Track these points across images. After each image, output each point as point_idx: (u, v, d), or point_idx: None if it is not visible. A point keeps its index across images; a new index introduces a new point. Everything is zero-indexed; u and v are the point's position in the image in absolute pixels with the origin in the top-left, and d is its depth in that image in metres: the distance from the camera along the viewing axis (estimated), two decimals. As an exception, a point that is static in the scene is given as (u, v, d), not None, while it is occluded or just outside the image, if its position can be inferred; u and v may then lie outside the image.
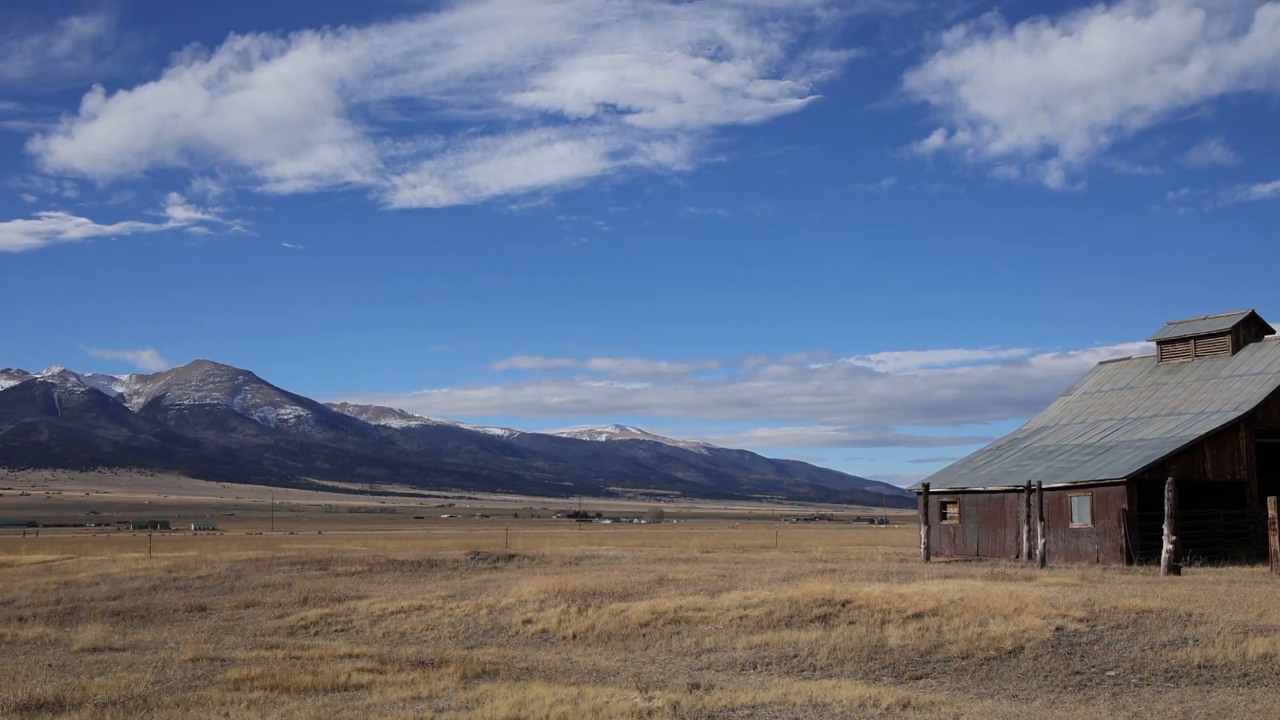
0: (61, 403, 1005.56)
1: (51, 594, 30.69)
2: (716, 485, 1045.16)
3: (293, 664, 17.52)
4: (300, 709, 13.76)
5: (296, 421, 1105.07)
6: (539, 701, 14.11)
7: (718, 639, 21.01)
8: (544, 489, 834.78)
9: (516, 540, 69.29)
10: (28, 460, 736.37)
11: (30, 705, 13.88)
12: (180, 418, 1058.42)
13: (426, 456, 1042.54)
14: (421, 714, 13.59)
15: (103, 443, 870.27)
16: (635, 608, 23.73)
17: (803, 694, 15.05)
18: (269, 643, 21.37)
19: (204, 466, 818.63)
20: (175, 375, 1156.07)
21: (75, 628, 23.65)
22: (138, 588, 31.33)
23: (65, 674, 16.61)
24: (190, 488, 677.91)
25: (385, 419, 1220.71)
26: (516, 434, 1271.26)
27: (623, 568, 34.40)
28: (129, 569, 36.34)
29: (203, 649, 19.18)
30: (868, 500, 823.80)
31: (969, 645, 18.76)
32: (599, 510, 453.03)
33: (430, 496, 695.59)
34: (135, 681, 15.68)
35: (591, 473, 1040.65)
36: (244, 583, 31.92)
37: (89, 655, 19.00)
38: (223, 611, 27.42)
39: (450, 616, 24.92)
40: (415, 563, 37.39)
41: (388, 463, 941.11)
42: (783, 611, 22.40)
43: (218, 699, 14.40)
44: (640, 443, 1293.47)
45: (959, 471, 46.91)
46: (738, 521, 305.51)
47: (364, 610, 26.10)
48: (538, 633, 23.03)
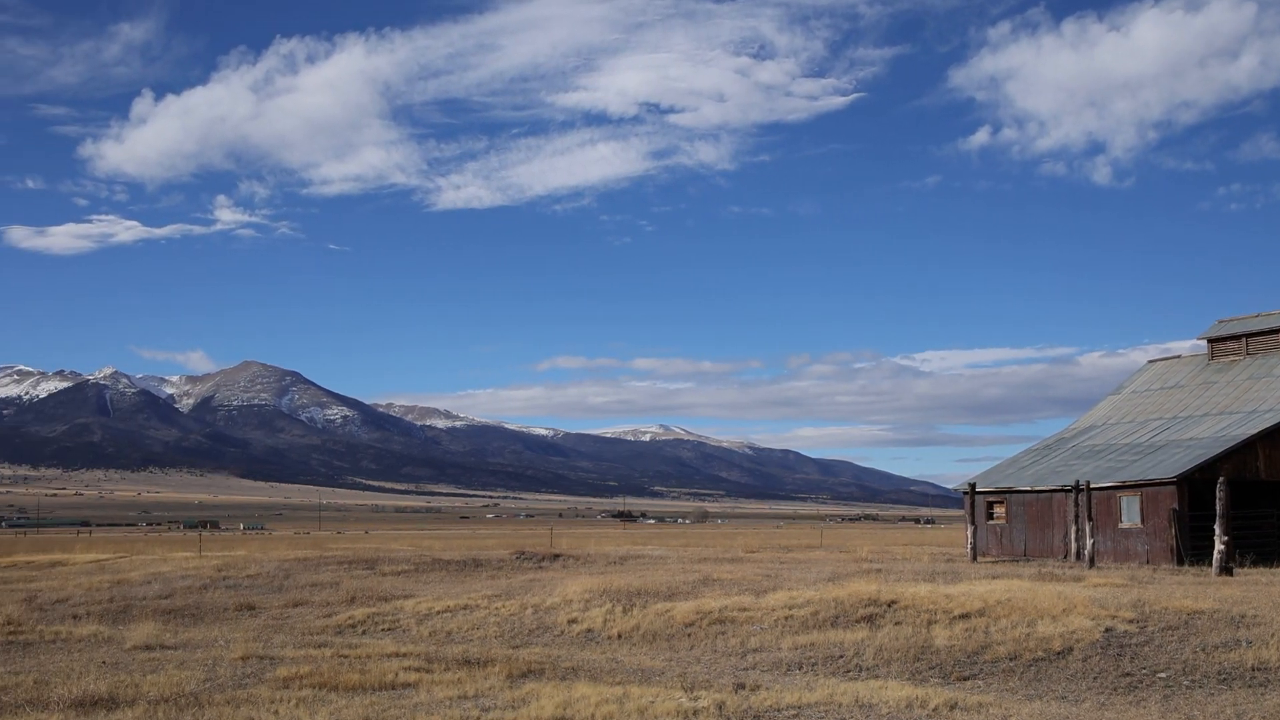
0: (113, 404, 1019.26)
1: (105, 593, 31.12)
2: (761, 485, 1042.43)
3: (341, 662, 17.67)
4: (348, 707, 13.88)
5: (343, 422, 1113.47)
6: (584, 701, 14.14)
7: (763, 639, 20.96)
8: (588, 489, 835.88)
9: (561, 540, 69.46)
10: (81, 460, 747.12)
11: (85, 702, 14.10)
12: (229, 418, 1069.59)
13: (471, 456, 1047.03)
14: (468, 713, 13.66)
15: (154, 443, 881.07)
16: (680, 608, 23.73)
17: (849, 694, 14.99)
18: (317, 641, 21.56)
19: (252, 467, 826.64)
20: (224, 376, 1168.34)
21: (128, 626, 23.98)
22: (188, 586, 31.70)
23: (118, 671, 16.85)
24: (239, 488, 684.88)
25: (430, 419, 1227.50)
26: (561, 434, 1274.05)
27: (667, 567, 34.40)
28: (180, 568, 36.78)
29: (252, 647, 19.39)
30: (913, 500, 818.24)
31: (1017, 646, 18.60)
32: (643, 510, 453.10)
33: (475, 496, 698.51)
34: (186, 679, 15.88)
35: (636, 472, 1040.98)
36: (292, 582, 32.21)
37: (141, 653, 19.26)
38: (271, 610, 27.69)
39: (496, 616, 25.02)
40: (461, 562, 37.58)
41: (433, 463, 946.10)
42: (828, 611, 22.32)
43: (267, 697, 14.55)
44: (684, 442, 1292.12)
45: (1006, 471, 46.52)
46: (782, 521, 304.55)
47: (410, 609, 26.27)
48: (583, 632, 23.07)
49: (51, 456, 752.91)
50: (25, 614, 26.58)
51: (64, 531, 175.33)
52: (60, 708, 13.77)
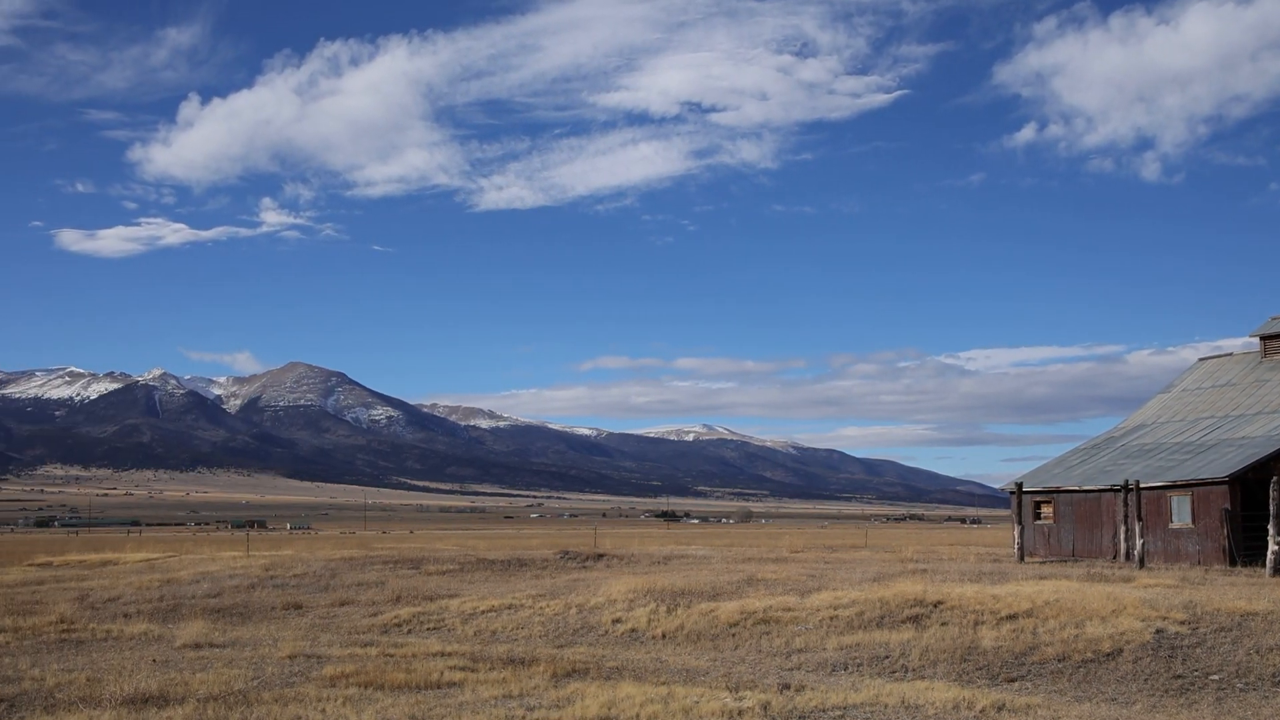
0: (162, 405, 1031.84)
1: (155, 591, 31.50)
2: (805, 485, 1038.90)
3: (386, 661, 17.77)
4: (394, 706, 13.95)
5: (388, 422, 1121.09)
6: (629, 700, 14.14)
7: (808, 639, 20.88)
8: (632, 489, 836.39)
9: (605, 540, 69.55)
10: (131, 461, 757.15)
11: (136, 699, 14.27)
12: (276, 419, 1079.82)
13: (515, 456, 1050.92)
14: (513, 712, 13.70)
15: (202, 443, 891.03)
16: (724, 607, 23.68)
17: (895, 695, 14.89)
18: (363, 640, 21.70)
19: (299, 467, 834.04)
20: (270, 377, 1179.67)
21: (177, 624, 24.25)
22: (236, 586, 32.02)
23: (168, 669, 17.05)
24: (286, 488, 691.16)
25: (474, 419, 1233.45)
26: (604, 434, 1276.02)
27: (711, 567, 34.35)
28: (228, 567, 37.16)
29: (299, 646, 19.55)
30: (959, 500, 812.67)
31: (1065, 647, 18.41)
32: (687, 510, 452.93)
33: (519, 496, 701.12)
34: (235, 677, 16.04)
35: (679, 472, 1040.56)
36: (339, 581, 32.45)
37: (190, 651, 19.47)
38: (318, 609, 27.90)
39: (540, 615, 25.08)
40: (505, 562, 37.72)
41: (477, 463, 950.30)
42: (874, 612, 22.19)
43: (314, 695, 14.65)
44: (728, 442, 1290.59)
45: (1053, 471, 46.06)
46: (827, 521, 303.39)
47: (455, 609, 26.38)
48: (627, 632, 23.08)
49: (102, 457, 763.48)
50: (78, 612, 26.96)
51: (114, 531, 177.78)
52: (112, 705, 13.94)
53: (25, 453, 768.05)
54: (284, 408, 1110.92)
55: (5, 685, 15.43)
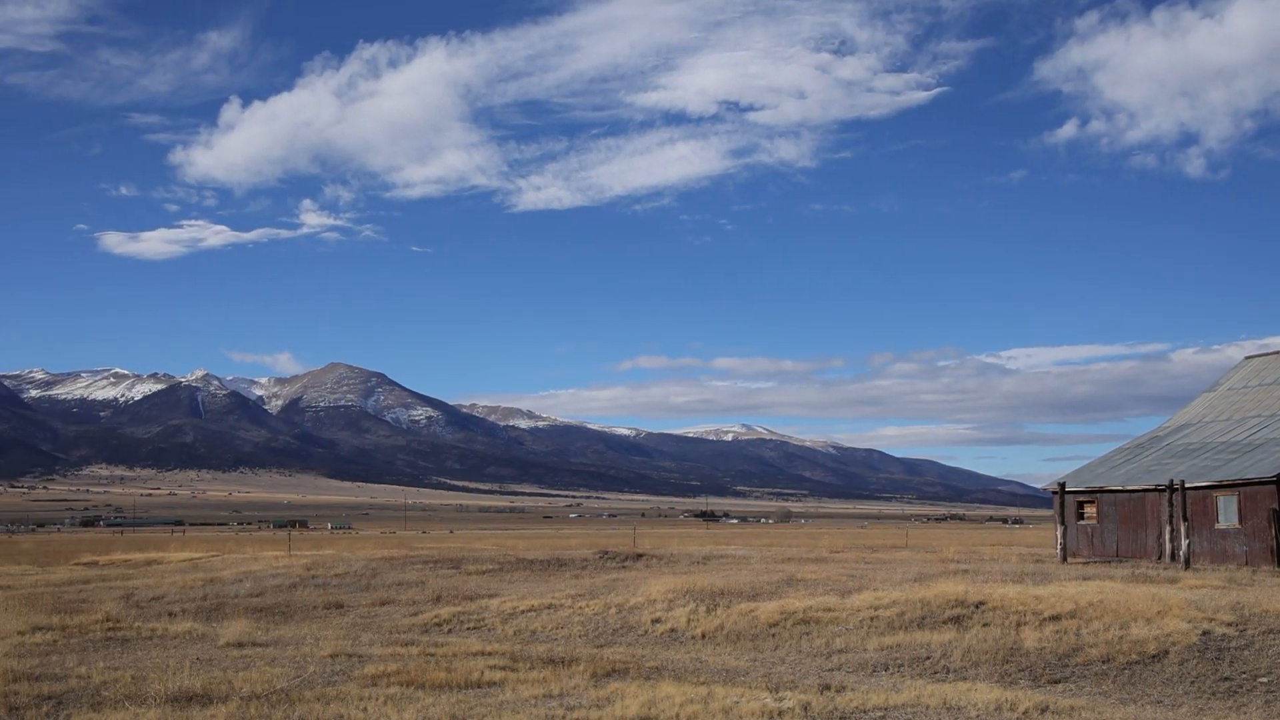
0: (205, 405, 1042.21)
1: (198, 590, 31.81)
2: (844, 485, 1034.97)
3: (427, 661, 17.84)
4: (435, 705, 14.00)
5: (427, 422, 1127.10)
6: (669, 700, 14.12)
7: (848, 640, 20.78)
8: (671, 488, 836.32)
9: (644, 540, 69.56)
10: (174, 461, 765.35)
11: (180, 697, 14.40)
12: (316, 419, 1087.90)
13: (554, 456, 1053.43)
14: (553, 711, 13.71)
15: (244, 444, 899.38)
16: (764, 607, 23.62)
17: (936, 696, 14.78)
18: (404, 639, 21.80)
19: (339, 467, 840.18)
20: (311, 378, 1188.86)
21: (220, 623, 24.47)
22: (278, 585, 32.26)
23: (212, 668, 17.19)
24: (326, 487, 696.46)
25: (513, 419, 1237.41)
26: (643, 434, 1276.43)
27: (751, 567, 34.28)
28: (270, 567, 37.47)
29: (341, 645, 19.66)
30: (1000, 500, 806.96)
31: (1109, 649, 18.22)
32: (726, 510, 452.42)
33: (558, 496, 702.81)
34: (277, 676, 16.14)
35: (718, 472, 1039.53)
36: (379, 581, 32.63)
37: (233, 650, 19.63)
38: (359, 609, 28.07)
39: (580, 615, 25.11)
40: (545, 562, 37.79)
41: (516, 463, 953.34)
42: (915, 612, 22.06)
43: (356, 694, 14.73)
44: (767, 442, 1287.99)
45: (1096, 470, 45.61)
46: (867, 521, 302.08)
47: (495, 608, 26.46)
48: (666, 632, 23.06)
49: (146, 457, 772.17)
50: (123, 611, 27.26)
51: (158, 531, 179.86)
52: (157, 703, 14.07)
53: (71, 453, 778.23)
54: (325, 408, 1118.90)
55: (53, 683, 15.62)
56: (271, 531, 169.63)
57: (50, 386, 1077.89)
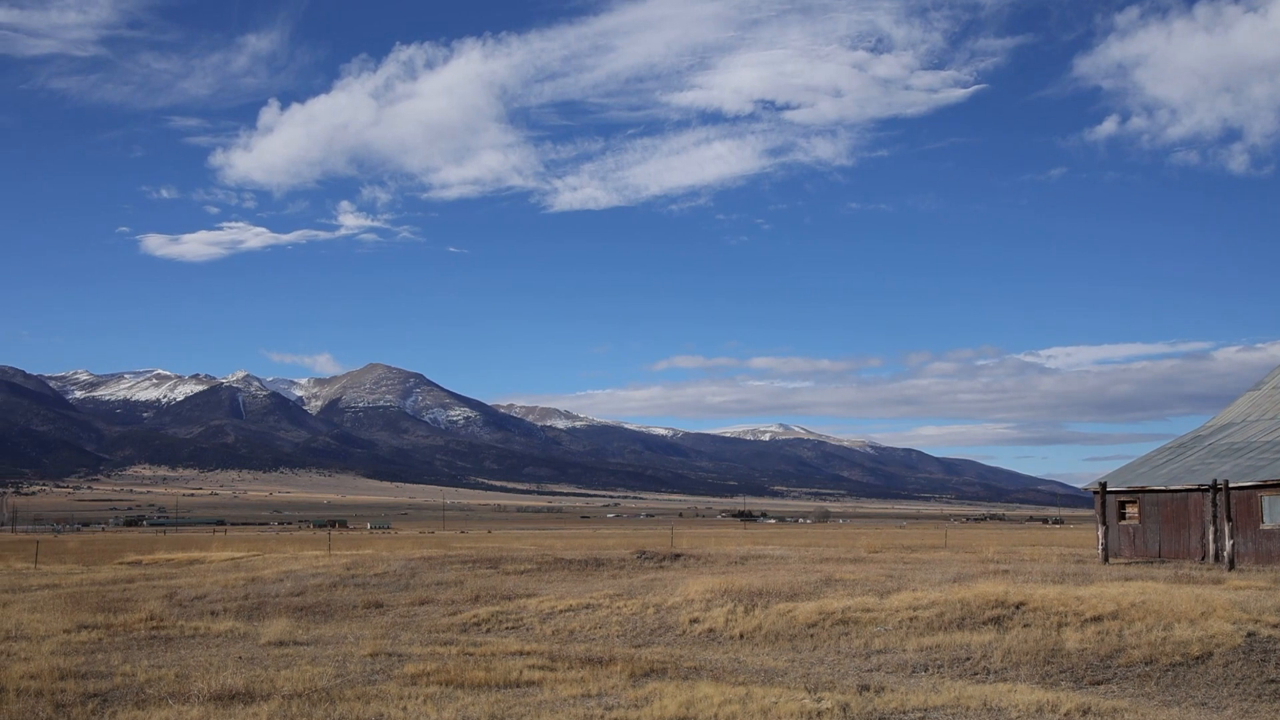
0: (246, 406, 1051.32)
1: (240, 590, 32.09)
2: (883, 484, 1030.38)
3: (466, 660, 17.92)
4: (474, 704, 14.06)
5: (465, 423, 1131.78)
6: (707, 700, 14.11)
7: (887, 640, 20.69)
8: (708, 488, 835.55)
9: (681, 540, 69.55)
10: (216, 461, 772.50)
11: (223, 695, 14.54)
12: (356, 420, 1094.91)
13: (591, 456, 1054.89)
14: (591, 711, 13.74)
15: (284, 444, 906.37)
16: (802, 608, 23.56)
17: (976, 698, 14.70)
18: (443, 639, 21.90)
19: (378, 467, 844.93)
20: (350, 379, 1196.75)
21: (262, 622, 24.68)
22: (319, 584, 32.50)
23: (254, 666, 17.35)
24: (366, 487, 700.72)
25: (551, 420, 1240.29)
26: (680, 434, 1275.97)
27: (789, 567, 34.20)
28: (310, 566, 37.75)
29: (380, 644, 19.79)
30: (1041, 500, 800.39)
31: (1152, 650, 18.04)
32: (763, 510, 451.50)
33: (596, 496, 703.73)
34: (318, 675, 16.27)
35: (756, 472, 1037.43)
36: (418, 580, 32.80)
37: (275, 649, 19.80)
38: (398, 608, 28.23)
39: (618, 615, 25.13)
40: (582, 562, 37.86)
41: (554, 463, 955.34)
42: (954, 613, 21.94)
43: (396, 693, 14.82)
44: (804, 442, 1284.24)
45: (1138, 470, 45.16)
46: (905, 521, 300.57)
47: (533, 608, 26.53)
48: (704, 632, 23.05)
49: (188, 458, 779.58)
50: (166, 610, 27.56)
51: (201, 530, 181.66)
52: (200, 700, 14.23)
53: (115, 453, 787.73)
54: (364, 409, 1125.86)
55: (98, 681, 15.82)
56: (311, 531, 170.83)
57: (94, 388, 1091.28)
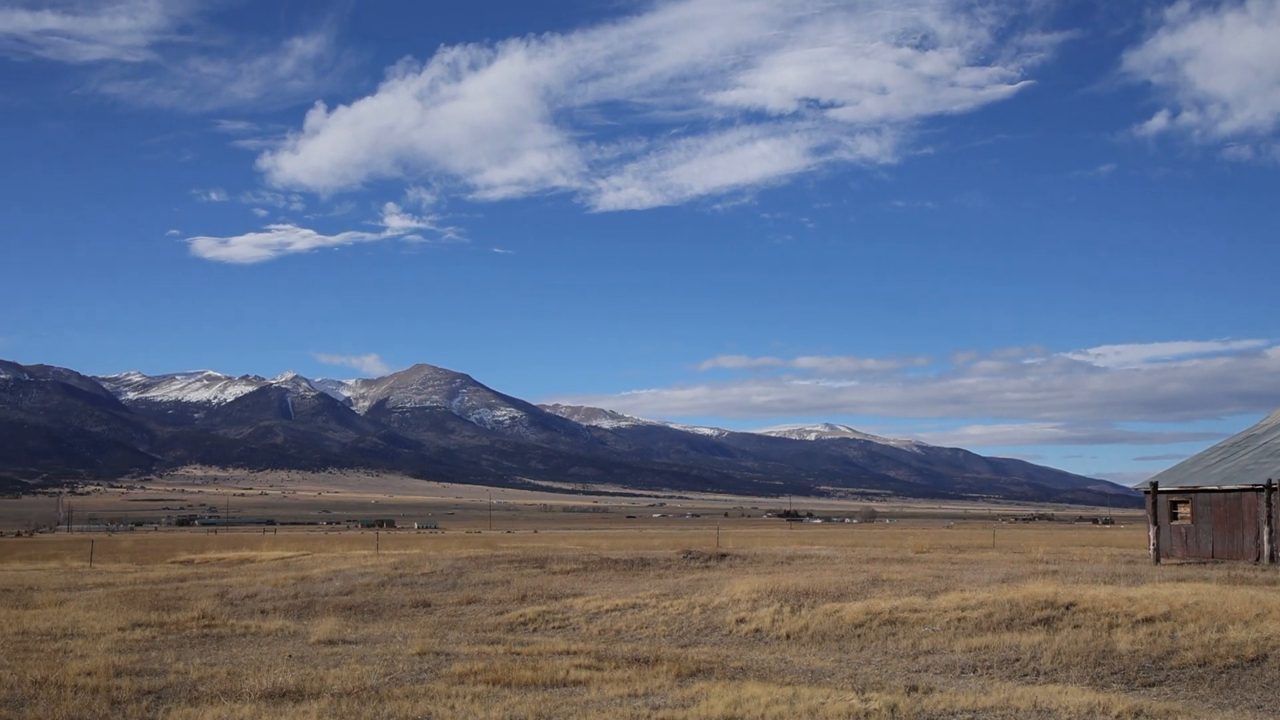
0: (295, 407, 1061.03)
1: (289, 589, 32.41)
2: (929, 484, 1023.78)
3: (513, 659, 18.01)
4: (521, 703, 14.13)
5: (511, 423, 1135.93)
6: (754, 701, 14.10)
7: (935, 641, 20.57)
8: (754, 488, 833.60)
9: (727, 539, 69.45)
10: (265, 462, 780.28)
11: (274, 693, 14.71)
12: (403, 420, 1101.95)
13: (637, 456, 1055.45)
14: (638, 711, 13.76)
15: (332, 444, 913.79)
16: (849, 608, 23.47)
17: (1026, 699, 14.58)
18: (490, 638, 22.02)
19: (425, 467, 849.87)
20: (397, 379, 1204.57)
21: (311, 621, 24.92)
22: (367, 584, 32.76)
23: (304, 665, 17.53)
24: (413, 487, 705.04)
25: (596, 420, 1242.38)
26: (726, 434, 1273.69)
27: (835, 567, 34.06)
28: (358, 565, 38.06)
29: (428, 643, 19.93)
30: (1090, 499, 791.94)
31: (1206, 652, 17.81)
32: (809, 509, 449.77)
33: (641, 496, 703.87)
34: (367, 673, 16.42)
35: (801, 472, 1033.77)
36: (465, 580, 32.98)
37: (324, 647, 19.99)
38: (446, 607, 28.40)
39: (664, 615, 25.15)
40: (628, 561, 37.89)
41: (599, 463, 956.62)
42: (1003, 614, 21.77)
43: (444, 692, 14.93)
44: (850, 441, 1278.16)
45: (1190, 469, 44.58)
46: (952, 521, 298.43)
47: (580, 608, 26.60)
48: (751, 632, 23.01)
49: (239, 458, 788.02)
50: (218, 608, 27.89)
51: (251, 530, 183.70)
52: (252, 698, 14.40)
53: (167, 454, 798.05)
54: (410, 409, 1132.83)
55: (152, 678, 16.05)
56: (359, 531, 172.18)
57: (147, 389, 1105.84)
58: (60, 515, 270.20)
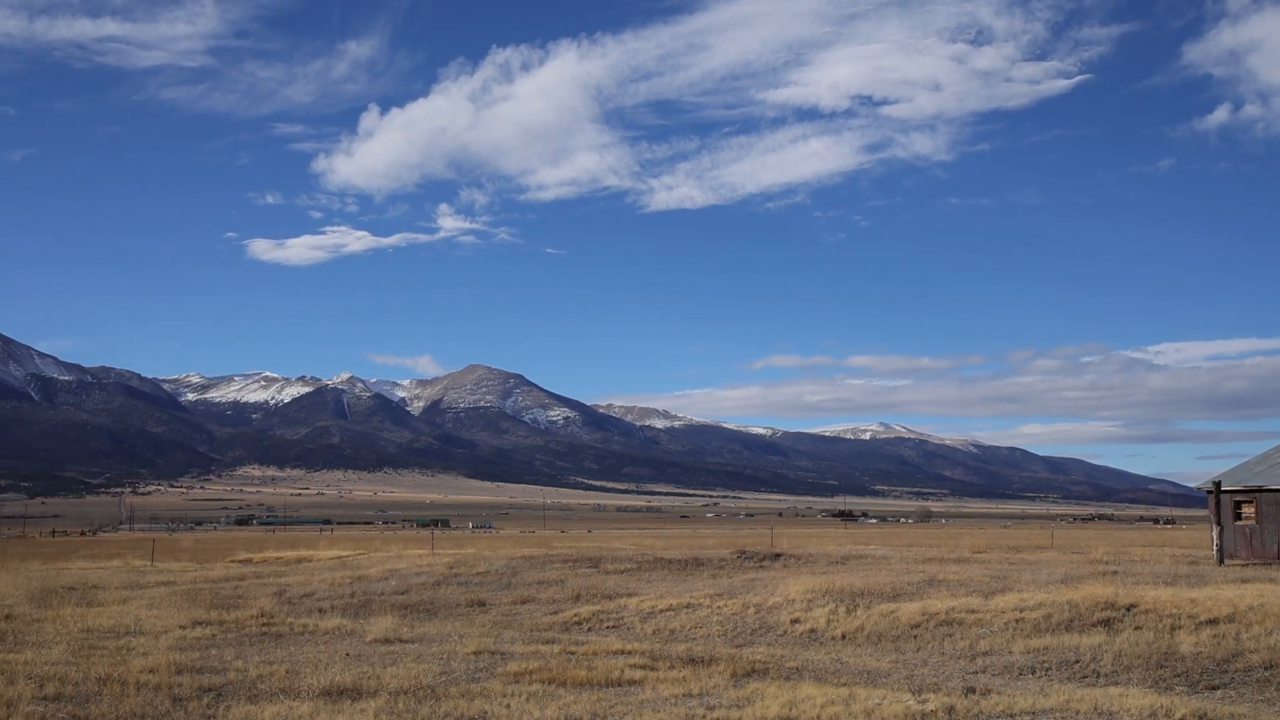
0: (350, 408, 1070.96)
1: (346, 588, 32.70)
2: (986, 484, 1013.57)
3: (568, 659, 18.05)
4: (576, 703, 14.15)
5: (565, 423, 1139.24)
6: (810, 701, 14.02)
7: (993, 642, 20.35)
8: (808, 488, 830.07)
9: (781, 539, 69.18)
10: (322, 462, 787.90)
11: (332, 691, 14.85)
12: (457, 420, 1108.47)
13: (690, 456, 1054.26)
14: (693, 711, 13.73)
15: (387, 444, 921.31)
16: (905, 608, 23.28)
17: (1086, 701, 14.37)
18: (545, 638, 22.08)
19: (479, 467, 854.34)
20: (451, 380, 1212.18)
21: (368, 619, 25.12)
22: (422, 583, 32.97)
23: (361, 663, 17.67)
24: (467, 487, 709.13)
25: (649, 419, 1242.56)
26: (779, 433, 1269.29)
27: (891, 567, 33.81)
28: (414, 565, 38.32)
29: (483, 643, 20.02)
30: (1151, 499, 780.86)
31: (1272, 654, 17.47)
32: (864, 509, 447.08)
33: (695, 496, 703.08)
34: (423, 672, 16.52)
35: (856, 471, 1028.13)
36: (520, 579, 33.10)
37: (381, 646, 20.15)
38: (501, 607, 28.52)
39: (718, 615, 25.09)
40: (682, 561, 37.84)
41: (653, 462, 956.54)
42: (1062, 615, 21.49)
43: (499, 691, 14.98)
44: (905, 441, 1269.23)
45: (1255, 468, 43.79)
46: (1010, 521, 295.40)
47: (634, 607, 26.61)
48: (806, 632, 22.90)
49: (296, 458, 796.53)
50: (276, 607, 28.21)
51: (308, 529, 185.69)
52: (310, 696, 14.54)
53: (226, 454, 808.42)
54: (465, 409, 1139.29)
55: (213, 675, 16.25)
56: (415, 530, 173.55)
57: (206, 390, 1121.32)
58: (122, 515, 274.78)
